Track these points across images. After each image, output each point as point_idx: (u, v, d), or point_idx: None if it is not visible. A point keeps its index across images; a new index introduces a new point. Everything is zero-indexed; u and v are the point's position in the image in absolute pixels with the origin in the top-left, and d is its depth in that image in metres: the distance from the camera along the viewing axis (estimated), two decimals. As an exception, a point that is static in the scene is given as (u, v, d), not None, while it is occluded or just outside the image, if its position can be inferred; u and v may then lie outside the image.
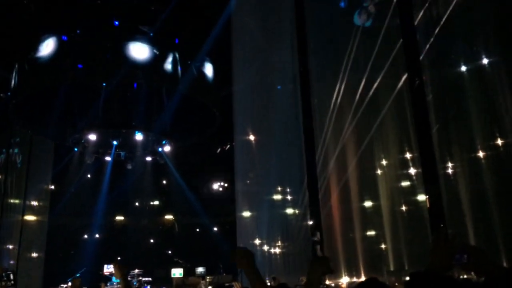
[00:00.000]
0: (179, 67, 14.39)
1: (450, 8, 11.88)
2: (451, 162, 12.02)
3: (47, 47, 13.68)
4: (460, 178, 11.86)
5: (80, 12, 13.85)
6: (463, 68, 12.29)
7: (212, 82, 15.41)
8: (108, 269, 16.11)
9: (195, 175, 20.25)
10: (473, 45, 12.17)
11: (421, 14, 12.32)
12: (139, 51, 13.75)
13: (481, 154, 11.67)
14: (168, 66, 14.20)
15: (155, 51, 13.96)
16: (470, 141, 11.79)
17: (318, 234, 12.61)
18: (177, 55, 14.38)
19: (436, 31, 11.99)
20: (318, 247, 12.51)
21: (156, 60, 14.03)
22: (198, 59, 14.92)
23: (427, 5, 12.31)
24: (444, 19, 11.93)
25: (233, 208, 16.33)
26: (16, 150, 17.77)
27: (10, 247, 17.13)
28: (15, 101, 14.68)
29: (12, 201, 17.58)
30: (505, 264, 10.17)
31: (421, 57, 11.83)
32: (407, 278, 1.99)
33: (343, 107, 13.99)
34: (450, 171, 12.03)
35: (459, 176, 11.91)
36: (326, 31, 14.23)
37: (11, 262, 16.65)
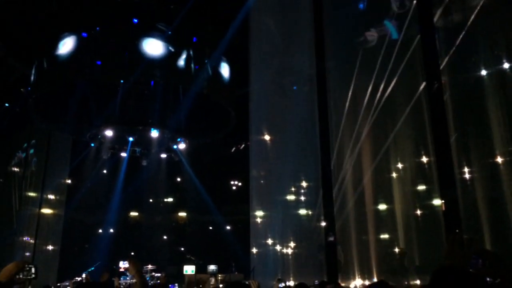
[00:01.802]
0: (196, 66, 14.47)
1: (471, 13, 11.72)
2: (468, 167, 11.86)
3: (67, 43, 13.89)
4: (477, 183, 11.70)
5: (100, 9, 14.03)
6: (483, 73, 12.11)
7: (228, 81, 15.45)
8: (124, 264, 16.26)
9: (210, 173, 20.33)
10: (493, 50, 11.99)
11: (441, 18, 12.17)
12: (157, 49, 13.86)
13: (499, 159, 11.49)
14: (185, 64, 14.29)
15: (172, 49, 14.06)
16: (488, 146, 11.62)
17: (332, 235, 12.59)
18: (194, 54, 14.47)
19: (456, 35, 11.84)
20: (339, 247, 12.51)
21: (174, 59, 14.13)
22: (215, 58, 14.99)
23: (447, 9, 12.17)
24: (464, 23, 11.78)
25: (247, 207, 16.35)
26: (31, 151, 18.08)
27: (27, 239, 17.44)
28: (34, 96, 14.92)
29: (29, 194, 17.88)
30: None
31: (440, 61, 11.69)
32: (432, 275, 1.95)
33: (360, 110, 13.91)
34: (467, 176, 11.86)
35: (476, 181, 11.74)
36: (344, 34, 14.16)
37: (27, 254, 16.95)
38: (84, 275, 15.51)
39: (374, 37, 13.60)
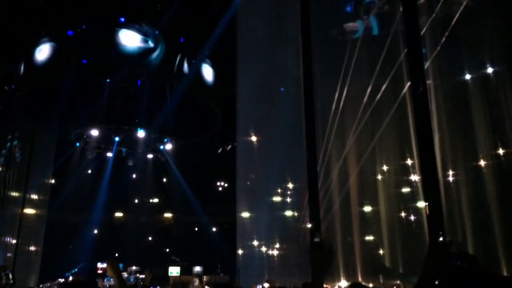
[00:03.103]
0: (183, 66, 14.41)
1: (456, 16, 11.87)
2: (452, 170, 12.00)
3: (53, 41, 13.72)
4: (460, 186, 11.84)
5: (87, 7, 13.90)
6: (468, 77, 12.27)
7: (215, 82, 15.42)
8: (102, 265, 16.10)
9: (196, 174, 20.25)
10: (478, 54, 12.16)
11: (426, 21, 12.30)
12: (143, 48, 13.78)
13: (482, 162, 11.65)
14: (172, 64, 14.22)
15: (159, 48, 13.98)
16: (472, 150, 11.77)
17: (319, 236, 12.62)
18: (181, 54, 14.41)
19: (441, 39, 11.98)
20: None
21: (160, 58, 14.05)
22: (202, 58, 14.95)
23: (432, 12, 12.30)
24: (449, 27, 11.92)
25: (233, 208, 16.32)
26: (15, 143, 17.79)
27: (8, 240, 17.16)
28: (19, 94, 14.72)
29: (12, 193, 17.60)
30: (505, 273, 10.15)
31: (425, 64, 11.81)
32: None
33: (346, 111, 13.99)
34: (450, 178, 12.00)
35: (459, 184, 11.88)
36: (331, 36, 14.25)
37: (9, 254, 16.67)
38: (71, 278, 15.35)
39: (354, 29, 13.71)
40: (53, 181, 19.39)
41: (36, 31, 14.25)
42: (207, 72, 15.15)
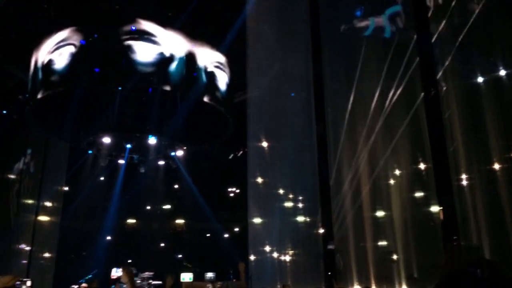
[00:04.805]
0: (194, 73, 14.48)
1: (468, 19, 11.78)
2: (466, 174, 11.86)
3: (65, 50, 13.88)
4: (475, 190, 11.69)
5: (98, 16, 14.05)
6: (480, 79, 12.14)
7: (226, 88, 15.46)
8: (117, 272, 16.13)
9: (207, 181, 20.29)
10: (490, 56, 12.04)
11: (437, 24, 12.23)
12: (154, 56, 13.86)
13: (496, 166, 11.49)
14: (183, 71, 14.29)
15: (170, 56, 14.06)
16: (485, 153, 11.62)
17: (332, 243, 12.57)
18: (192, 61, 14.48)
19: (453, 41, 11.89)
20: (338, 255, 12.49)
21: (171, 66, 14.13)
22: (212, 65, 15.00)
23: (443, 15, 12.23)
24: (461, 30, 11.83)
25: (244, 214, 16.31)
26: (29, 151, 17.99)
27: (22, 247, 17.32)
28: (32, 103, 14.89)
29: (26, 201, 17.78)
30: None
31: (437, 68, 11.73)
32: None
33: (357, 115, 13.93)
34: (464, 182, 11.86)
35: (474, 188, 11.73)
36: (341, 40, 14.22)
37: (23, 262, 16.82)
38: (83, 284, 15.41)
39: (365, 26, 13.64)
40: (66, 188, 19.56)
41: (49, 40, 14.41)
42: (218, 79, 15.20)
